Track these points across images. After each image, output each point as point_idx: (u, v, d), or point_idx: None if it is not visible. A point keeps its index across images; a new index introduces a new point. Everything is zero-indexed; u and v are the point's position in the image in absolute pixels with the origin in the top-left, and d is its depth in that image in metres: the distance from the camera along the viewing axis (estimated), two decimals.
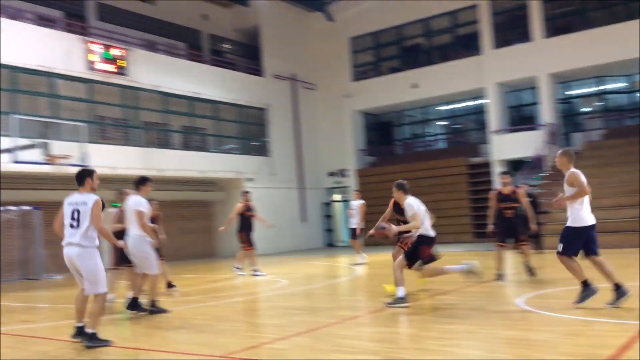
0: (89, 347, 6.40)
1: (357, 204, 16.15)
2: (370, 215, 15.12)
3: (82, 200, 6.56)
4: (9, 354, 6.46)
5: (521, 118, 24.22)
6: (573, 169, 7.11)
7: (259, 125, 25.06)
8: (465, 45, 24.99)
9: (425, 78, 24.64)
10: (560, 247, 7.08)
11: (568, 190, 7.03)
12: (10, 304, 11.52)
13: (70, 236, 6.52)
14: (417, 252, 8.23)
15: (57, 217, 6.70)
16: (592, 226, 7.03)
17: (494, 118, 22.95)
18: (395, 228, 8.53)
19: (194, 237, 23.35)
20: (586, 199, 7.01)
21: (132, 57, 19.71)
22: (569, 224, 7.05)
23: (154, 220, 10.07)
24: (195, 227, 23.58)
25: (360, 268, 14.73)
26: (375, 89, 26.01)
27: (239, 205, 14.05)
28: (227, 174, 22.73)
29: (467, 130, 26.76)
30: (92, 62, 18.53)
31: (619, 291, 6.86)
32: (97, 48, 18.74)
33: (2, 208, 16.41)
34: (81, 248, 6.49)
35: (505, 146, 22.33)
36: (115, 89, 19.45)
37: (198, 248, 23.41)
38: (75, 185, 6.81)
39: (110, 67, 19.02)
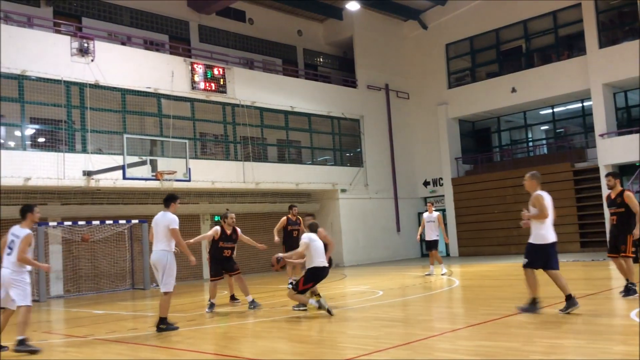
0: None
1: (435, 215, 16.01)
2: (466, 225, 14.76)
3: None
4: None
5: (630, 120, 22.70)
6: (538, 192, 8.12)
7: (352, 136, 25.20)
8: (568, 45, 23.93)
9: (525, 82, 23.78)
10: (524, 261, 8.04)
11: (532, 210, 7.98)
12: (120, 313, 12.25)
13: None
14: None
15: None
16: (552, 244, 8.00)
17: (600, 120, 21.65)
18: None
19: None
20: (548, 220, 7.99)
21: (230, 75, 20.50)
22: (530, 240, 8.02)
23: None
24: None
25: (450, 279, 14.30)
26: (472, 95, 25.40)
27: (283, 219, 14.18)
28: (321, 185, 23.00)
29: (571, 134, 25.44)
30: (194, 82, 19.46)
31: (571, 302, 7.73)
32: (199, 68, 19.67)
33: (113, 222, 17.51)
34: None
35: (613, 150, 20.98)
36: (215, 106, 20.28)
37: None
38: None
39: (211, 86, 19.89)
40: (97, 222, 17.30)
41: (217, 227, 11.07)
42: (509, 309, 8.49)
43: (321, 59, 27.98)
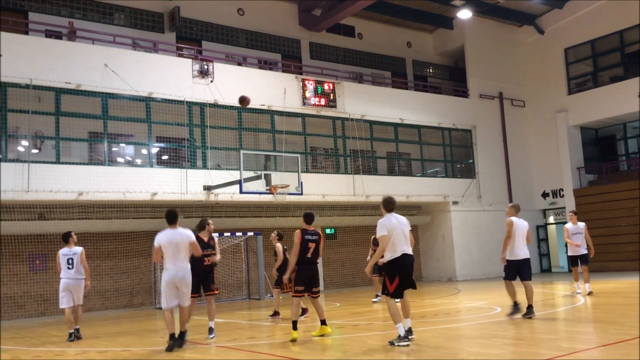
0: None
1: (582, 226, 13.98)
2: (591, 239, 13.72)
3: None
4: None
5: None
6: (511, 218, 10.27)
7: (464, 147, 24.60)
8: None
9: None
10: (504, 273, 10.27)
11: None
12: (238, 322, 12.72)
13: None
14: None
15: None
16: (522, 260, 10.11)
17: None
18: None
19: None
20: (517, 239, 10.10)
21: (340, 90, 20.81)
22: (506, 257, 10.15)
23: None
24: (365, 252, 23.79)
25: (584, 298, 13.43)
26: (595, 101, 23.95)
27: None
28: (432, 197, 22.62)
29: None
30: (305, 98, 19.96)
31: (529, 310, 9.96)
32: (310, 84, 20.15)
33: (230, 234, 18.26)
34: None
35: None
36: (325, 120, 20.64)
37: None
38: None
39: (321, 101, 20.29)
40: (215, 235, 18.04)
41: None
42: None
43: (431, 70, 27.64)
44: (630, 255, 21.66)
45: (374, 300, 15.18)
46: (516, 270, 10.09)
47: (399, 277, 8.03)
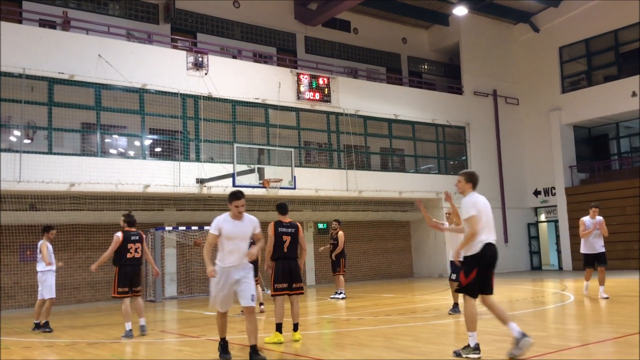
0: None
1: (601, 220, 12.55)
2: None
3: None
4: None
5: None
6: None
7: (457, 144, 24.64)
8: None
9: None
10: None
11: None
12: (230, 315, 12.68)
13: None
14: None
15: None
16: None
17: None
18: None
19: (391, 257, 23.66)
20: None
21: (335, 85, 20.79)
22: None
23: None
24: (392, 247, 23.88)
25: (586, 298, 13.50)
26: (588, 99, 24.04)
27: None
28: (424, 194, 22.65)
29: None
30: (300, 92, 19.92)
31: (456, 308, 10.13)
32: (305, 78, 20.11)
33: None
34: None
35: None
36: (320, 115, 20.61)
37: (394, 268, 23.62)
38: None
39: (316, 95, 20.25)
40: (208, 228, 18.02)
41: (118, 234, 9.69)
42: (632, 327, 7.90)
43: (426, 66, 27.65)
44: (621, 255, 21.80)
45: (332, 297, 15.02)
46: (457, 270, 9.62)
47: (477, 270, 6.56)
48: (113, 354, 8.13)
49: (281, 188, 17.05)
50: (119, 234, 9.67)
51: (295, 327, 8.37)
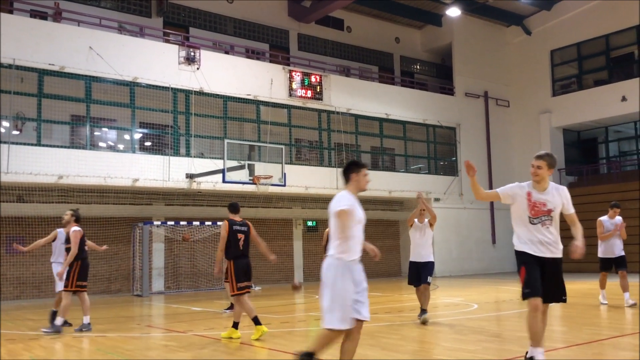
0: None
1: (619, 221, 11.38)
2: (570, 240, 13.65)
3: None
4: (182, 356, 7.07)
5: None
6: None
7: (448, 144, 24.73)
8: None
9: (636, 90, 22.37)
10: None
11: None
12: (216, 311, 12.68)
13: None
14: None
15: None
16: (411, 263, 9.69)
17: None
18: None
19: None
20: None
21: (327, 83, 20.78)
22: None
23: None
24: (380, 245, 23.74)
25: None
26: (579, 103, 24.20)
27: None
28: (414, 193, 22.60)
29: None
30: (292, 89, 19.90)
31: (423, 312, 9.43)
32: (297, 76, 20.09)
33: (212, 223, 18.19)
34: None
35: None
36: (311, 112, 20.60)
37: (383, 267, 23.66)
38: None
39: (308, 93, 20.23)
40: (197, 223, 18.06)
41: (79, 229, 9.63)
42: (618, 329, 7.97)
43: (418, 66, 27.71)
44: None
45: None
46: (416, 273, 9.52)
47: (525, 267, 5.78)
48: (98, 347, 8.09)
49: (271, 185, 17.04)
50: (80, 229, 9.66)
51: (258, 321, 8.17)
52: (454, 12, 23.80)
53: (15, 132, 15.65)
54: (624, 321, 9.37)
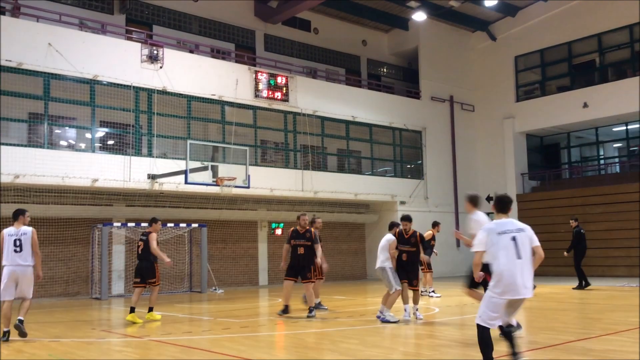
0: None
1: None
2: None
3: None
4: None
5: None
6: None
7: (413, 147, 24.85)
8: None
9: (598, 97, 22.86)
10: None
11: None
12: (176, 315, 12.44)
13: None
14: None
15: None
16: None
17: None
18: None
19: (345, 259, 23.65)
20: None
21: (293, 84, 20.64)
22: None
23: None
24: (346, 248, 23.86)
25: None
26: (541, 109, 24.60)
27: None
28: (380, 196, 22.76)
29: None
30: (258, 90, 19.71)
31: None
32: (263, 77, 19.91)
33: (174, 225, 17.88)
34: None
35: None
36: (277, 114, 20.44)
37: (349, 270, 23.64)
38: None
39: (274, 94, 20.07)
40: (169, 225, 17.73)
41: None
42: (573, 334, 8.04)
43: (385, 69, 27.80)
44: (568, 261, 22.27)
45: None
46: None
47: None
48: (50, 352, 7.81)
49: (235, 187, 16.82)
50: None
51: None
52: (420, 16, 23.95)
53: None
54: (573, 327, 9.48)
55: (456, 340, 8.46)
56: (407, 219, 10.52)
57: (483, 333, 5.54)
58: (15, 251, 8.68)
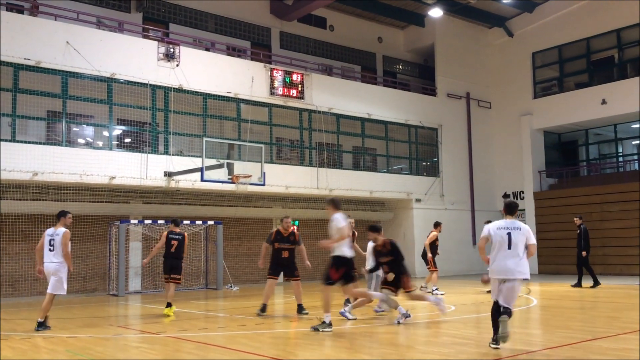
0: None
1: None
2: (548, 242, 13.64)
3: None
4: None
5: None
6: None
7: (429, 145, 24.74)
8: None
9: (617, 93, 22.58)
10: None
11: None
12: (192, 312, 12.52)
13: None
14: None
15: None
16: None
17: None
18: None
19: (360, 256, 23.57)
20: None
21: (309, 81, 20.64)
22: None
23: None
24: (362, 246, 23.75)
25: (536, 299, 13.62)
26: (559, 105, 24.36)
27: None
28: (395, 194, 22.69)
29: None
30: (273, 88, 19.74)
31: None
32: (279, 74, 19.93)
33: (190, 222, 17.97)
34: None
35: None
36: (292, 111, 20.46)
37: (364, 267, 23.56)
38: None
39: (289, 92, 20.08)
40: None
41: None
42: (590, 332, 7.96)
43: (400, 66, 27.69)
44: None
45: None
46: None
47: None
48: (68, 348, 7.90)
49: (250, 184, 16.86)
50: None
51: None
52: (436, 12, 23.81)
53: None
54: (590, 326, 9.39)
55: (472, 338, 8.42)
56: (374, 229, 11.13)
57: (494, 305, 7.14)
58: (50, 250, 9.70)
